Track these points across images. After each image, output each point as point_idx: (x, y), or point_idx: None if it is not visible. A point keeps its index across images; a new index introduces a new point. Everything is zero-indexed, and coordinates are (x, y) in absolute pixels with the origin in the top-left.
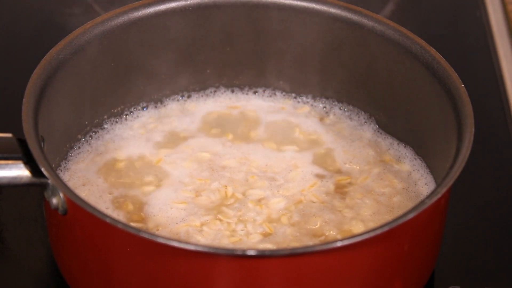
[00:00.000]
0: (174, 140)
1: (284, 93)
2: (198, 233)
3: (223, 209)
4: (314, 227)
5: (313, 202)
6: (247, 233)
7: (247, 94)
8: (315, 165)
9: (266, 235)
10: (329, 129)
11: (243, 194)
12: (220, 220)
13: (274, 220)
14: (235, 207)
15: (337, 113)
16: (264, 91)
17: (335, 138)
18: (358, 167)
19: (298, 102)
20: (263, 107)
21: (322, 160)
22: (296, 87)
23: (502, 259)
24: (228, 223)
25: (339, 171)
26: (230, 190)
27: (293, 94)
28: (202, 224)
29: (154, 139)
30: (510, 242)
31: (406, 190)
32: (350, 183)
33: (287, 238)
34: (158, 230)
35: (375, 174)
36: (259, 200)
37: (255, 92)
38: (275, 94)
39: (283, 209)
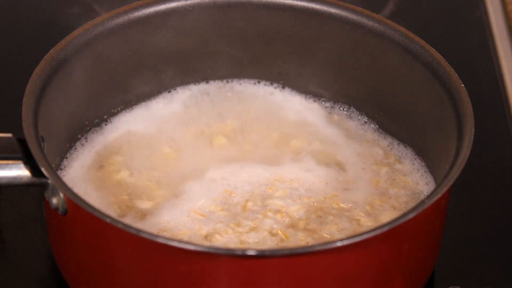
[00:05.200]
0: (174, 140)
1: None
2: (204, 240)
3: (238, 218)
4: (328, 236)
5: (333, 208)
6: (257, 242)
7: (247, 94)
8: (330, 171)
9: (278, 242)
10: (337, 130)
11: (262, 204)
12: (232, 228)
13: (291, 226)
14: (250, 217)
15: (338, 113)
16: (263, 90)
17: (344, 139)
18: (370, 169)
19: (301, 102)
20: (264, 107)
21: (337, 165)
22: (297, 87)
23: (502, 259)
24: (240, 233)
25: (354, 174)
26: (250, 204)
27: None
28: (214, 232)
29: (153, 139)
30: (510, 242)
31: (408, 190)
32: (364, 186)
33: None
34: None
35: (384, 174)
36: (278, 210)
37: (255, 91)
38: (276, 93)
39: (302, 216)
